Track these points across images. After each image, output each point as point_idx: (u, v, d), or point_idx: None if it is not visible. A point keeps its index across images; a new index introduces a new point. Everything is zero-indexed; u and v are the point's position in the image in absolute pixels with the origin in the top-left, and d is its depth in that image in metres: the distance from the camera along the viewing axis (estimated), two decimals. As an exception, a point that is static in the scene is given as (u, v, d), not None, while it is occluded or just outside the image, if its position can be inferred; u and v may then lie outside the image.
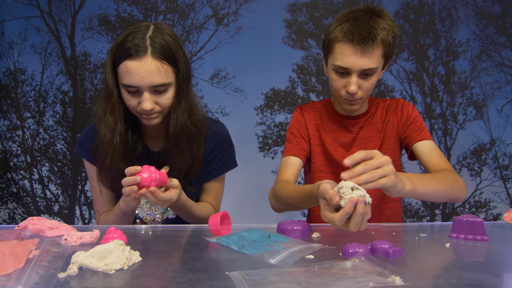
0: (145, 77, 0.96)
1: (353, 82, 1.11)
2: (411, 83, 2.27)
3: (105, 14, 2.21)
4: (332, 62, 1.14)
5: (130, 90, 0.99)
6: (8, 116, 2.22)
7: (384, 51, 1.12)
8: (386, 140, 1.27)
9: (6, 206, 2.25)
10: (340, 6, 2.23)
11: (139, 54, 0.96)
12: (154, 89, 0.99)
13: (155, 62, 0.97)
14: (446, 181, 1.00)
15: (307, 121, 1.31)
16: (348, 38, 1.09)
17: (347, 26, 1.11)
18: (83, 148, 1.16)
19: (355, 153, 0.80)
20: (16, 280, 0.54)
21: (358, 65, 1.09)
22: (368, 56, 1.09)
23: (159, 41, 0.99)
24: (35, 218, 0.84)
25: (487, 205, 2.29)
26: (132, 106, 1.02)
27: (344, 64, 1.10)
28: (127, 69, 0.97)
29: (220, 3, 2.21)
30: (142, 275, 0.58)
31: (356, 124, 1.28)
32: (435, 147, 1.20)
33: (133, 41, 0.97)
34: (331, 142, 1.29)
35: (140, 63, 0.96)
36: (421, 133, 1.22)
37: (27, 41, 2.20)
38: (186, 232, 0.91)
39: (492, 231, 0.93)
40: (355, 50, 1.09)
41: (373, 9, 1.14)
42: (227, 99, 2.22)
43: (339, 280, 0.54)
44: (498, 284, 0.55)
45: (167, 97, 1.02)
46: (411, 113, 1.26)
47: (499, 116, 2.27)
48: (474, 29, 2.26)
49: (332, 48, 1.14)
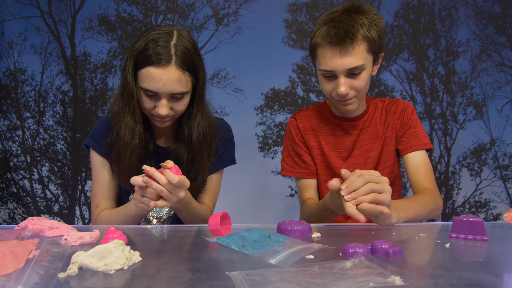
0: (166, 85, 0.99)
1: (341, 84, 1.10)
2: (411, 83, 2.27)
3: (105, 14, 2.21)
4: (318, 67, 1.14)
5: (148, 94, 1.02)
6: (8, 116, 2.22)
7: (368, 46, 1.10)
8: (388, 142, 1.26)
9: (6, 206, 2.25)
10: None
11: (164, 62, 0.98)
12: (172, 96, 1.02)
13: (178, 72, 0.99)
14: (427, 206, 1.07)
15: (303, 132, 1.29)
16: (326, 41, 1.09)
17: (324, 29, 1.10)
18: (94, 140, 1.16)
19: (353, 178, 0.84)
20: (16, 280, 0.54)
21: (342, 66, 1.08)
22: (349, 55, 1.07)
23: (182, 49, 1.01)
24: (35, 218, 0.84)
25: (487, 205, 2.29)
26: (147, 108, 1.05)
27: (328, 67, 1.10)
28: (150, 75, 0.99)
29: (220, 3, 2.21)
30: (142, 275, 0.58)
31: (356, 126, 1.26)
32: (423, 161, 1.20)
33: (157, 48, 0.99)
34: (331, 149, 1.27)
35: (163, 71, 0.98)
36: (416, 141, 1.22)
37: (27, 41, 2.20)
38: (186, 232, 0.91)
39: (492, 231, 0.93)
40: (335, 51, 1.08)
41: (352, 6, 1.12)
42: (227, 99, 2.22)
43: (339, 280, 0.54)
44: (498, 284, 0.55)
45: (183, 104, 1.05)
46: (410, 116, 1.25)
47: (499, 116, 2.27)
48: (474, 29, 2.26)
49: (316, 53, 1.14)
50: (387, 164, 1.26)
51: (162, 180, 0.87)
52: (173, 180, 0.86)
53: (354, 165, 1.25)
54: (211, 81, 2.21)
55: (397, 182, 1.30)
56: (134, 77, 1.03)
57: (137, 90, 1.03)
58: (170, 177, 0.86)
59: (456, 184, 2.29)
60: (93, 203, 1.17)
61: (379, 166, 1.26)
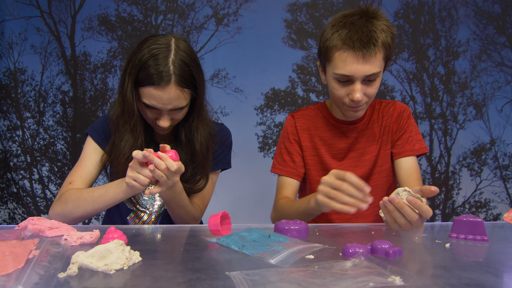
0: (166, 104, 1.02)
1: (357, 90, 1.07)
2: (411, 83, 2.27)
3: (105, 14, 2.21)
4: (332, 71, 1.09)
5: (150, 107, 1.04)
6: (8, 116, 2.22)
7: (385, 54, 1.08)
8: (384, 145, 1.25)
9: (6, 206, 2.25)
10: (340, 6, 2.23)
11: (163, 84, 0.99)
12: (172, 110, 1.05)
13: (178, 90, 1.01)
14: None
15: (299, 132, 1.28)
16: (348, 45, 1.04)
17: (345, 32, 1.05)
18: (96, 131, 1.17)
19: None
20: (16, 280, 0.54)
21: (361, 72, 1.05)
22: (370, 62, 1.05)
23: (180, 65, 1.02)
24: (35, 218, 0.84)
25: (487, 205, 2.29)
26: (149, 119, 1.08)
27: (347, 72, 1.06)
28: (150, 94, 1.01)
29: (220, 3, 2.21)
30: (142, 275, 0.58)
31: (354, 129, 1.25)
32: (416, 167, 1.21)
33: (156, 67, 1.00)
34: (327, 150, 1.27)
35: (163, 92, 1.00)
36: (410, 146, 1.22)
37: (27, 41, 2.20)
38: (186, 232, 0.91)
39: (492, 231, 0.93)
40: (357, 57, 1.04)
41: (368, 11, 1.09)
42: (227, 99, 2.22)
43: (339, 280, 0.54)
44: (498, 284, 0.55)
45: (182, 113, 1.08)
46: (407, 120, 1.24)
47: (499, 116, 2.27)
48: (474, 29, 2.26)
49: (331, 56, 1.09)
50: (384, 167, 1.25)
51: (161, 166, 0.88)
52: (172, 168, 0.89)
53: (349, 167, 1.25)
54: (211, 81, 2.21)
55: (394, 186, 1.31)
56: (134, 90, 1.04)
57: (138, 103, 1.06)
58: (169, 164, 0.89)
59: (456, 184, 2.29)
60: (67, 179, 1.12)
61: (375, 169, 1.25)
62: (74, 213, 1.04)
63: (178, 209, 1.10)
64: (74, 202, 1.04)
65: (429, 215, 0.82)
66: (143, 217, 1.19)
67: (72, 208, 1.04)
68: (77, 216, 1.04)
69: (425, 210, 0.80)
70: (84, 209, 1.03)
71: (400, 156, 1.22)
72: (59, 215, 1.04)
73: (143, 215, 1.19)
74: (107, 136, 1.15)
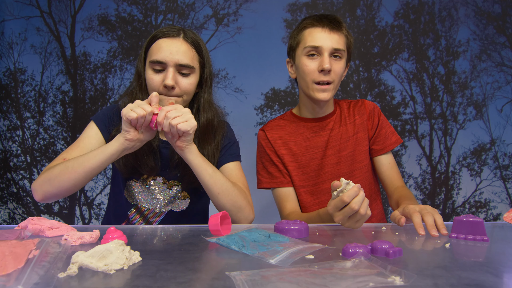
0: (173, 53, 1.06)
1: (326, 60, 1.17)
2: (411, 83, 2.27)
3: (105, 14, 2.21)
4: (303, 46, 1.21)
5: (156, 68, 1.07)
6: (8, 116, 2.22)
7: (347, 44, 1.22)
8: (361, 142, 1.29)
9: (6, 206, 2.25)
10: (340, 6, 2.23)
11: (173, 35, 1.08)
12: (179, 69, 1.07)
13: (186, 44, 1.08)
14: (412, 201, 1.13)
15: (273, 142, 1.32)
16: (317, 22, 1.20)
17: (314, 17, 1.22)
18: (100, 118, 1.16)
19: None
20: (16, 280, 0.54)
21: (329, 43, 1.17)
22: (337, 35, 1.19)
23: (191, 35, 1.12)
24: (35, 218, 0.84)
25: (487, 205, 2.29)
26: (154, 85, 1.07)
27: (316, 43, 1.18)
28: (159, 46, 1.06)
29: (220, 3, 2.21)
30: (142, 275, 0.58)
31: (325, 126, 1.29)
32: (394, 161, 1.30)
33: (167, 28, 1.10)
34: (304, 153, 1.29)
35: (172, 41, 1.07)
36: (389, 141, 1.29)
37: (27, 41, 2.20)
38: (186, 232, 0.91)
39: (492, 231, 0.93)
40: (325, 30, 1.18)
41: (335, 17, 1.23)
42: (227, 99, 2.22)
43: (339, 280, 0.54)
44: (498, 284, 0.55)
45: (189, 82, 1.10)
46: (379, 117, 1.31)
47: (499, 116, 2.27)
48: (474, 29, 2.26)
49: (302, 36, 1.22)
50: (364, 163, 1.30)
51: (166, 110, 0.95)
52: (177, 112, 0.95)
53: (328, 164, 1.27)
54: (211, 81, 2.20)
55: (374, 182, 1.35)
56: (145, 64, 1.10)
57: (147, 73, 1.09)
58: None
59: (456, 184, 2.29)
60: (60, 155, 1.07)
61: (355, 165, 1.29)
62: (61, 176, 0.96)
63: (209, 179, 1.03)
64: (63, 165, 0.98)
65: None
66: (144, 211, 1.19)
67: (61, 171, 0.97)
68: (64, 179, 0.96)
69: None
70: (73, 169, 0.96)
71: (382, 152, 1.29)
72: (44, 181, 0.98)
73: (144, 210, 1.19)
74: (110, 124, 1.15)
